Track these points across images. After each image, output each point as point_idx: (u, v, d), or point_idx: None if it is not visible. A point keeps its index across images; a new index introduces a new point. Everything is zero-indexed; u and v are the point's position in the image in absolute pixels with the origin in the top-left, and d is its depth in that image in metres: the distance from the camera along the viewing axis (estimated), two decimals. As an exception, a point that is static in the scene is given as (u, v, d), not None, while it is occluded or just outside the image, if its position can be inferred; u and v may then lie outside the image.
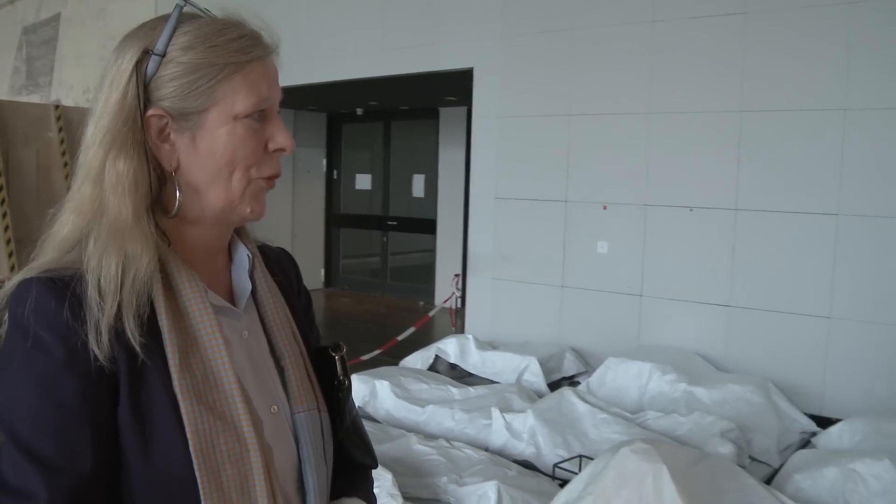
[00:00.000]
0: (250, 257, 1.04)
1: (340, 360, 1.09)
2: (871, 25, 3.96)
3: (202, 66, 0.92)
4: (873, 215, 3.99)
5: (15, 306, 0.86)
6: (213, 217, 0.97)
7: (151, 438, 0.86)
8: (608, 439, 3.53)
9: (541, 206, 5.35)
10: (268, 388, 1.00)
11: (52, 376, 0.84)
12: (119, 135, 0.90)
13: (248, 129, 0.94)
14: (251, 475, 0.90)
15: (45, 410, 0.84)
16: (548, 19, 5.22)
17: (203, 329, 0.92)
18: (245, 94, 0.93)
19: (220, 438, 0.89)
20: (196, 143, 0.93)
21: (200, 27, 0.93)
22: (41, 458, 0.82)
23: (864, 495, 2.85)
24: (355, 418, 1.13)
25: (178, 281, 0.93)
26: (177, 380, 0.88)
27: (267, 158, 0.96)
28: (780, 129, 4.28)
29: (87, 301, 0.85)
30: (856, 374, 4.05)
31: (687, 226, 4.68)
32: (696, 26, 4.55)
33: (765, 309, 4.36)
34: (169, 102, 0.92)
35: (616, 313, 5.02)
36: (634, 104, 4.84)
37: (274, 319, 1.04)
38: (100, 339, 0.84)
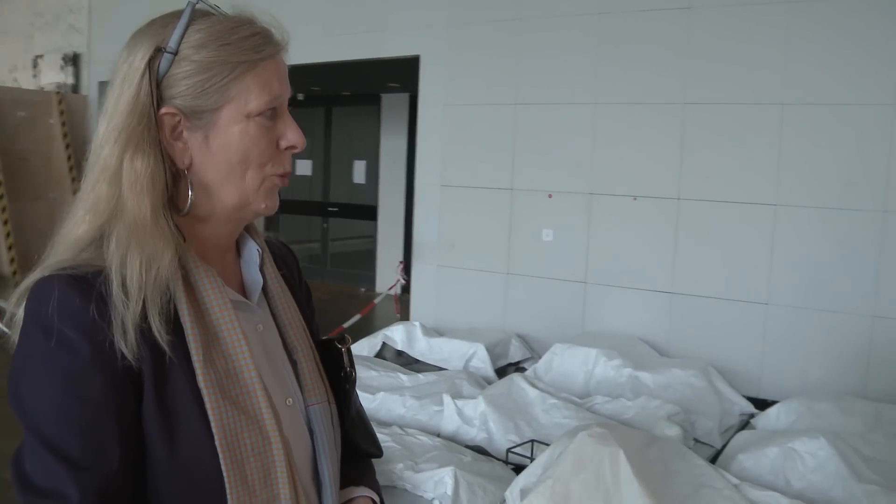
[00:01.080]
0: (260, 252, 1.05)
1: (347, 352, 1.11)
2: (809, 24, 4.11)
3: (215, 64, 0.92)
4: (808, 206, 4.16)
5: (36, 304, 0.85)
6: (225, 214, 0.97)
7: (177, 433, 0.87)
8: (559, 424, 3.61)
9: (486, 194, 5.39)
10: (283, 381, 1.01)
11: (78, 374, 0.84)
12: (134, 133, 0.90)
13: (261, 127, 0.94)
14: (273, 467, 0.92)
15: (72, 409, 0.83)
16: (495, 8, 5.25)
17: (224, 324, 0.93)
18: (258, 92, 0.93)
19: (244, 432, 0.90)
20: (209, 142, 0.93)
21: (213, 25, 0.93)
22: (70, 458, 0.82)
23: (801, 472, 2.98)
24: (360, 409, 1.15)
25: (196, 277, 0.93)
26: (201, 375, 0.88)
27: (279, 156, 0.97)
28: (721, 121, 4.41)
29: (112, 299, 0.85)
30: (791, 358, 4.23)
31: (631, 214, 4.79)
32: (642, 19, 4.64)
33: (705, 295, 4.51)
34: (182, 101, 0.92)
35: (561, 300, 5.11)
36: (580, 94, 4.92)
37: (285, 313, 1.06)
38: (126, 338, 0.84)
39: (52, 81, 8.43)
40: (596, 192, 4.93)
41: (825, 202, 4.11)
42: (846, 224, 4.06)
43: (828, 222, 4.11)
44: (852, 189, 4.03)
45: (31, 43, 8.80)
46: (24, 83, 8.81)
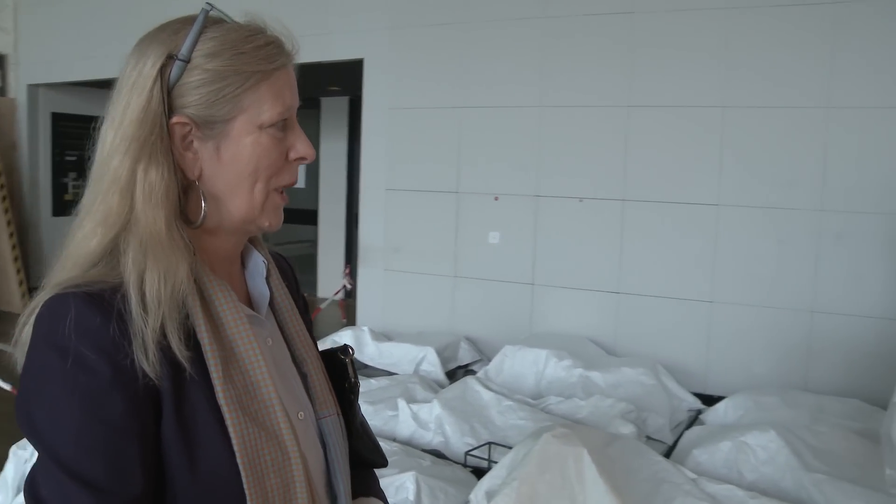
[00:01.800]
0: (266, 264, 1.03)
1: (351, 362, 1.10)
2: (748, 28, 4.24)
3: (229, 73, 0.90)
4: (749, 206, 4.29)
5: (50, 323, 0.82)
6: (232, 227, 0.95)
7: (197, 452, 0.84)
8: (514, 426, 3.63)
9: (432, 198, 5.39)
10: (294, 395, 0.99)
11: (98, 395, 0.80)
12: (146, 143, 0.87)
13: (273, 138, 0.92)
14: (293, 483, 0.90)
15: (93, 431, 0.80)
16: (439, 12, 5.26)
17: (240, 339, 0.90)
18: (271, 102, 0.92)
19: (265, 448, 0.88)
20: (220, 153, 0.91)
21: (226, 33, 0.91)
22: (91, 482, 0.78)
23: (753, 464, 3.07)
24: (363, 419, 1.14)
25: (210, 292, 0.91)
26: (221, 391, 0.86)
27: (287, 167, 0.96)
28: (665, 124, 4.51)
29: (131, 317, 0.82)
30: (735, 354, 4.35)
31: (577, 216, 4.85)
32: (588, 23, 4.72)
33: (651, 295, 4.60)
34: (194, 110, 0.89)
35: (508, 302, 5.14)
36: (525, 97, 4.96)
37: (292, 325, 1.04)
38: (147, 355, 0.81)
39: (-24, 84, 8.10)
40: (542, 195, 4.98)
41: (765, 202, 4.24)
42: (785, 223, 4.20)
43: (768, 221, 4.24)
44: (791, 189, 4.17)
45: (-47, 44, 8.43)
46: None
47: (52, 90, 7.88)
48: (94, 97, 8.21)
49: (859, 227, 4.02)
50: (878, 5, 3.95)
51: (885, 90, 3.94)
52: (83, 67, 7.16)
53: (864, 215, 4.01)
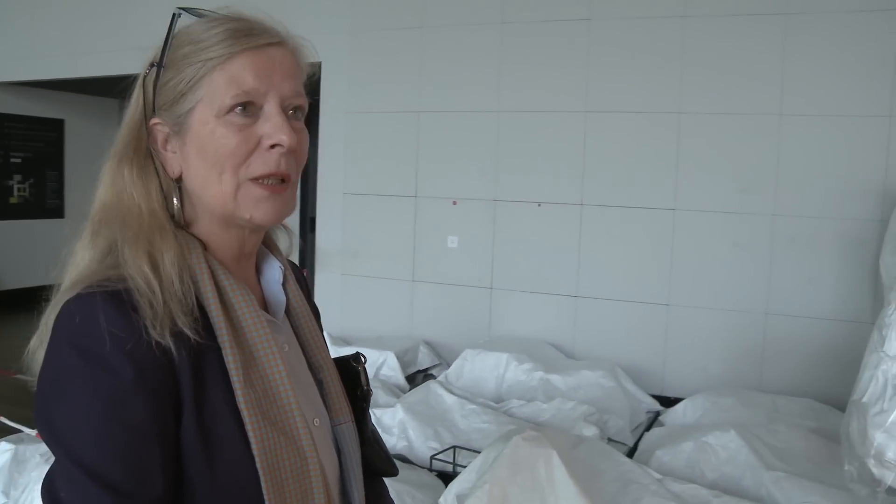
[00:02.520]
0: (282, 269, 1.03)
1: (363, 370, 1.10)
2: (703, 37, 4.33)
3: (186, 65, 0.90)
4: (705, 210, 4.38)
5: (70, 323, 0.81)
6: (218, 222, 0.95)
7: (217, 455, 0.83)
8: (478, 429, 3.64)
9: (390, 202, 5.38)
10: (310, 401, 0.99)
11: (120, 397, 0.79)
12: (128, 146, 0.92)
13: (231, 125, 0.90)
14: (311, 490, 0.89)
15: (115, 433, 0.78)
16: (397, 16, 5.25)
17: (260, 344, 0.90)
18: (225, 88, 0.90)
19: (284, 454, 0.87)
20: (186, 147, 0.92)
21: (191, 28, 0.92)
22: (112, 484, 0.77)
23: (714, 463, 3.13)
24: (374, 427, 1.14)
25: (230, 295, 0.90)
26: (241, 396, 0.85)
27: (260, 155, 0.92)
28: (622, 129, 4.58)
29: (140, 300, 0.82)
30: (691, 356, 4.43)
31: (535, 220, 4.89)
32: (545, 29, 4.76)
33: (609, 298, 4.66)
34: (165, 109, 0.92)
35: (467, 306, 5.15)
36: (484, 102, 4.98)
37: (308, 332, 1.04)
38: (161, 334, 0.81)
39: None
40: (500, 199, 5.01)
41: (721, 206, 4.33)
42: (740, 227, 4.30)
43: (723, 225, 4.34)
44: (745, 194, 4.27)
45: None
46: None
47: (-4, 90, 7.66)
48: (40, 98, 8.00)
49: (811, 231, 4.14)
50: (827, 17, 4.08)
51: (835, 99, 4.07)
52: (29, 67, 6.97)
53: (816, 220, 4.12)
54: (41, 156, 8.23)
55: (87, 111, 8.33)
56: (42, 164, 8.26)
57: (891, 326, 2.31)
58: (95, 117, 8.33)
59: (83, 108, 8.17)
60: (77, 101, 8.09)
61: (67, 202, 8.33)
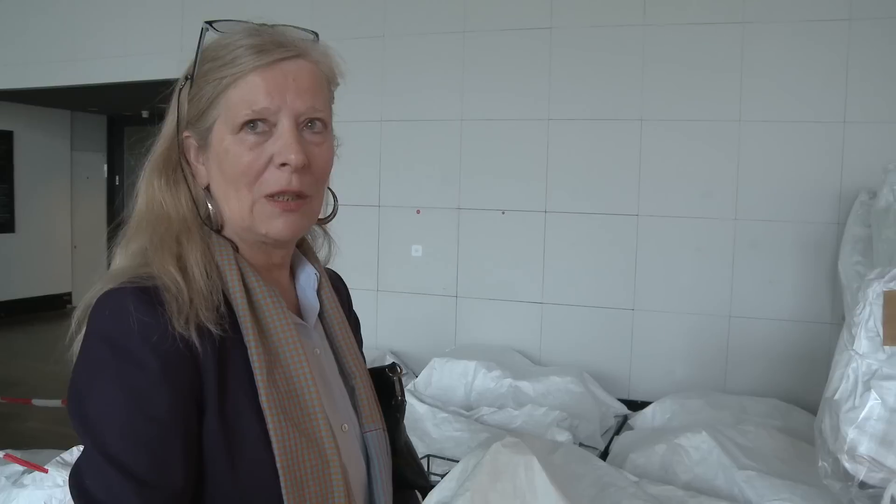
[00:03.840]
0: (318, 275, 1.04)
1: (399, 380, 1.12)
2: (664, 44, 4.41)
3: (206, 82, 0.93)
4: (668, 215, 4.45)
5: (102, 317, 0.83)
6: (241, 233, 0.97)
7: (238, 453, 0.84)
8: (451, 437, 3.63)
9: (354, 211, 5.34)
10: (339, 407, 1.00)
11: (145, 391, 0.81)
12: (161, 157, 0.96)
13: (242, 143, 0.92)
14: (332, 492, 0.89)
15: (139, 425, 0.80)
16: (359, 25, 5.23)
17: (286, 345, 0.91)
18: (238, 106, 0.92)
19: (305, 455, 0.88)
20: (210, 160, 0.95)
21: (214, 43, 0.94)
22: (135, 474, 0.79)
23: (687, 465, 3.17)
24: (407, 438, 1.15)
25: (258, 296, 0.91)
26: (264, 394, 0.86)
27: (272, 173, 0.93)
28: (584, 136, 4.63)
29: (167, 296, 0.84)
30: (657, 360, 4.48)
31: (499, 228, 4.91)
32: (506, 38, 4.79)
33: (575, 304, 4.69)
34: (192, 123, 0.95)
35: (433, 315, 5.14)
36: (446, 110, 4.99)
37: (342, 339, 1.05)
38: (186, 328, 0.83)
39: None
40: (464, 207, 5.01)
41: (683, 211, 4.40)
42: (703, 232, 4.37)
43: (686, 230, 4.41)
44: (707, 199, 4.35)
45: None
46: None
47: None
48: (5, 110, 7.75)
49: (772, 234, 4.23)
50: (783, 26, 4.18)
51: (792, 105, 4.17)
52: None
53: (775, 223, 4.22)
54: (-10, 168, 8.00)
55: (37, 122, 8.11)
56: (-9, 176, 8.02)
57: (860, 325, 2.36)
58: (45, 129, 8.12)
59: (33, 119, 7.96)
60: (26, 112, 7.87)
61: (18, 216, 8.07)
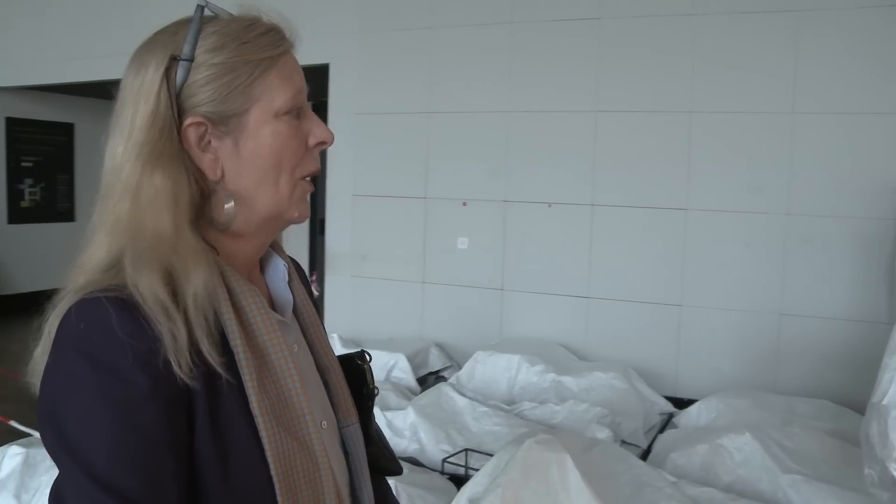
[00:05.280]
0: (287, 267, 1.01)
1: (369, 369, 1.07)
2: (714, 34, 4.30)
3: (237, 64, 0.87)
4: (717, 210, 4.34)
5: (79, 330, 0.78)
6: (258, 224, 0.92)
7: (231, 462, 0.82)
8: (490, 432, 3.61)
9: (400, 203, 5.36)
10: (318, 403, 0.97)
11: (134, 406, 0.76)
12: (156, 148, 0.85)
13: (290, 125, 0.90)
14: (322, 494, 0.88)
15: (129, 443, 0.76)
16: (406, 17, 5.23)
17: (272, 347, 0.88)
18: (283, 88, 0.90)
19: (297, 459, 0.86)
20: (239, 148, 0.89)
21: (226, 26, 0.89)
22: (125, 494, 0.74)
23: (729, 466, 3.10)
24: (377, 427, 1.12)
25: (240, 297, 0.87)
26: (255, 401, 0.83)
27: (308, 155, 0.93)
28: (633, 128, 4.55)
29: (159, 328, 0.78)
30: (705, 357, 4.39)
31: (546, 221, 4.86)
32: (553, 28, 4.73)
33: (621, 299, 4.62)
34: (207, 108, 0.87)
35: (478, 308, 5.13)
36: (493, 102, 4.96)
37: (314, 332, 1.03)
38: (181, 365, 0.78)
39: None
40: (510, 200, 4.98)
41: (733, 206, 4.29)
42: (752, 226, 4.26)
43: (736, 225, 4.30)
44: (758, 193, 4.23)
45: None
46: None
47: (6, 94, 7.66)
48: (50, 101, 8.01)
49: (825, 230, 4.09)
50: (839, 13, 4.04)
51: (847, 96, 4.02)
52: (39, 71, 6.99)
53: (829, 218, 4.08)
54: (52, 160, 8.26)
55: (97, 115, 8.33)
56: (53, 167, 8.28)
57: (911, 327, 2.27)
58: (105, 121, 8.30)
59: (93, 111, 8.18)
60: (87, 104, 8.10)
61: (78, 206, 8.35)
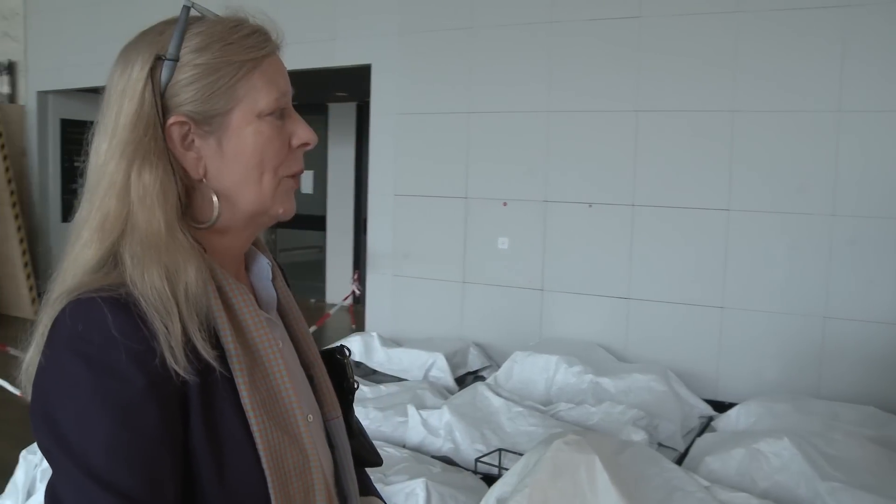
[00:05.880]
0: (271, 265, 1.03)
1: (349, 364, 1.10)
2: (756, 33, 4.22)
3: (221, 65, 0.89)
4: (760, 210, 4.26)
5: (74, 329, 0.79)
6: (243, 222, 0.94)
7: (224, 457, 0.83)
8: (525, 432, 3.61)
9: (441, 203, 5.38)
10: (305, 398, 0.99)
11: (131, 405, 0.78)
12: (140, 145, 0.86)
13: (273, 126, 0.91)
14: (312, 487, 0.90)
15: (126, 442, 0.77)
16: (447, 17, 5.25)
17: (261, 343, 0.90)
18: (266, 89, 0.91)
19: (288, 452, 0.87)
20: (222, 147, 0.90)
21: (211, 27, 0.91)
22: (125, 493, 0.76)
23: (767, 472, 3.04)
24: (357, 419, 1.15)
25: (230, 295, 0.89)
26: (247, 397, 0.85)
27: (292, 155, 0.95)
28: (674, 128, 4.49)
29: (155, 323, 0.80)
30: (746, 360, 4.31)
31: (586, 221, 4.83)
32: (593, 28, 4.70)
33: (662, 300, 4.57)
34: (190, 107, 0.88)
35: (518, 308, 5.12)
36: (534, 102, 4.95)
37: (298, 328, 1.05)
38: (176, 359, 0.79)
39: (-12, 91, 8.13)
40: (551, 200, 4.96)
41: (776, 206, 4.21)
42: (797, 227, 4.17)
43: (779, 226, 4.21)
44: (802, 193, 4.14)
45: (-35, 51, 8.48)
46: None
47: (61, 97, 7.91)
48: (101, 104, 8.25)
49: (872, 231, 3.99)
50: (886, 10, 3.93)
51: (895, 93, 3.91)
52: (92, 74, 7.13)
53: (876, 220, 3.97)
54: (104, 160, 8.48)
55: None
56: (104, 168, 8.51)
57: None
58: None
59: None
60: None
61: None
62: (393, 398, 4.05)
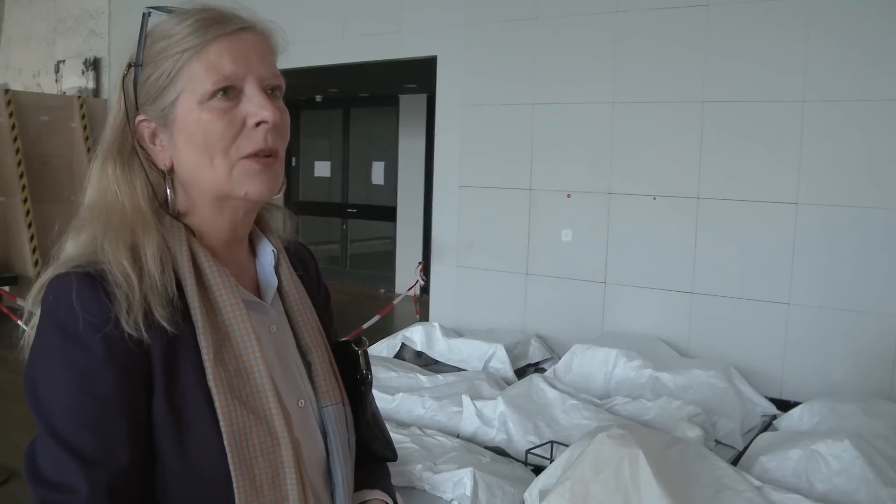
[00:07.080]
0: (275, 252, 1.06)
1: (363, 354, 1.11)
2: (829, 20, 4.06)
3: (162, 60, 0.94)
4: (829, 204, 4.11)
5: (52, 300, 0.88)
6: (212, 206, 0.99)
7: (186, 432, 0.88)
8: (578, 425, 3.59)
9: (505, 194, 5.38)
10: (295, 383, 1.02)
11: (91, 372, 0.86)
12: (113, 144, 0.97)
13: (215, 110, 0.94)
14: (282, 468, 0.92)
15: (84, 405, 0.85)
16: (511, 7, 5.23)
17: (235, 324, 0.94)
18: (205, 75, 0.94)
19: (253, 432, 0.91)
20: (174, 138, 0.96)
21: (164, 24, 0.96)
22: (81, 453, 0.84)
23: (825, 474, 2.94)
24: (375, 411, 1.16)
25: (208, 276, 0.95)
26: (211, 374, 0.90)
27: (247, 135, 0.95)
28: (741, 119, 4.37)
29: (117, 292, 0.87)
30: (813, 359, 4.17)
31: (650, 214, 4.75)
32: (660, 17, 4.61)
33: (726, 295, 4.47)
34: (149, 105, 0.96)
35: (580, 300, 5.08)
36: (599, 93, 4.89)
37: (300, 314, 1.07)
38: (136, 326, 0.86)
39: (74, 86, 8.52)
40: (615, 192, 4.90)
41: (847, 200, 4.05)
42: (868, 223, 4.00)
43: (850, 221, 4.05)
44: (874, 187, 3.97)
45: (54, 48, 8.91)
46: (46, 88, 8.92)
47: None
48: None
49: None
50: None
51: None
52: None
53: (955, 214, 3.79)
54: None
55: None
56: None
57: None
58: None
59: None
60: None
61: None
62: (450, 388, 4.08)
